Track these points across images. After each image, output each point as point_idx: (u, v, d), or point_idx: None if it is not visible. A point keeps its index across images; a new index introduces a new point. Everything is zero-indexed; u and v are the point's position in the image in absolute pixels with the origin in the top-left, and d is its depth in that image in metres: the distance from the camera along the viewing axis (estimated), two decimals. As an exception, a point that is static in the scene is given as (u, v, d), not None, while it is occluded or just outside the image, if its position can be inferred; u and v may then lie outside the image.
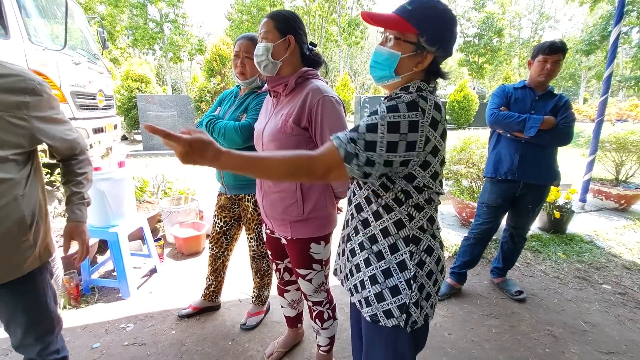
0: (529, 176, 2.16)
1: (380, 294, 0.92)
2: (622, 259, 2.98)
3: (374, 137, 0.80)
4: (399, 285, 0.90)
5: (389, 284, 0.91)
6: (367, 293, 0.95)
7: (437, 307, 2.25)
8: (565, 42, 2.08)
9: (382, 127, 0.79)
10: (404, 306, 0.89)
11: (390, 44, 0.88)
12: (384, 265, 0.92)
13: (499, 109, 2.19)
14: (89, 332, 2.00)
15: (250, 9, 26.87)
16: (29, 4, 3.88)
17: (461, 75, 33.54)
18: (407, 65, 0.88)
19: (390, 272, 0.92)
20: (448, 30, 0.87)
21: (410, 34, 0.85)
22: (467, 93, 14.39)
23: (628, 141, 4.07)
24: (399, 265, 0.91)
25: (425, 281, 0.92)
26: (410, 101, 0.82)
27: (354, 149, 0.80)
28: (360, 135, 0.80)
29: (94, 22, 11.01)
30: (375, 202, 0.93)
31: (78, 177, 1.26)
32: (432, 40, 0.84)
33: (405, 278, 0.90)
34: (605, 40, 18.50)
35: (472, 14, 31.48)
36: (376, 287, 0.93)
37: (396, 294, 0.90)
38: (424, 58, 0.87)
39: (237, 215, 1.98)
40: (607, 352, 1.90)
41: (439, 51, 0.86)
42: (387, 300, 0.91)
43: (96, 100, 4.79)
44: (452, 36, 0.88)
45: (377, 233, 0.94)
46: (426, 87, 0.89)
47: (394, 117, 0.80)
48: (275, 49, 1.28)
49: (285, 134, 1.27)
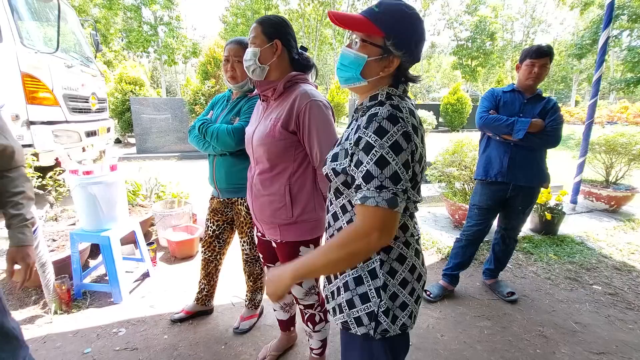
0: (518, 178, 2.18)
1: (351, 301, 0.92)
2: (612, 259, 3.02)
3: (392, 168, 0.78)
4: (369, 293, 0.89)
5: (359, 290, 0.91)
6: (340, 299, 0.95)
7: (429, 309, 2.28)
8: (552, 47, 2.12)
9: (389, 154, 0.78)
10: (373, 314, 0.89)
11: (357, 47, 0.87)
12: (356, 273, 0.92)
13: (488, 112, 2.22)
14: (81, 337, 1.98)
15: (244, 12, 26.86)
16: (22, 7, 3.86)
17: (455, 78, 33.78)
18: (374, 69, 0.87)
19: (361, 279, 0.91)
20: (415, 35, 0.85)
21: (377, 37, 0.84)
22: (460, 96, 14.52)
23: (617, 143, 4.12)
24: (369, 273, 0.90)
25: (398, 290, 0.91)
26: (388, 115, 0.80)
27: (388, 193, 0.77)
28: (380, 176, 0.78)
29: (88, 25, 10.97)
30: (350, 211, 0.94)
31: (15, 198, 1.12)
32: (398, 45, 0.83)
33: (375, 286, 0.89)
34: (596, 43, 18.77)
35: (465, 17, 31.80)
36: (348, 293, 0.93)
37: (366, 301, 0.90)
38: (391, 62, 0.86)
39: (229, 219, 1.98)
40: (597, 353, 1.92)
41: (406, 56, 0.85)
42: (357, 307, 0.91)
43: (89, 103, 4.77)
44: (419, 41, 0.87)
45: None
46: (395, 92, 0.89)
47: (390, 137, 0.78)
48: (263, 53, 1.30)
49: (274, 138, 1.28)
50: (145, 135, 8.58)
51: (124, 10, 21.98)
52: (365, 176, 0.80)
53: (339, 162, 0.89)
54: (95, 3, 20.38)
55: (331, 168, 0.92)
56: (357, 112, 0.95)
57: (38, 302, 2.27)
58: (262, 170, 1.36)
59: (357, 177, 0.82)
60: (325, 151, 1.26)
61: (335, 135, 1.30)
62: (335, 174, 0.91)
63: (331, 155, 0.94)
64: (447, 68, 38.52)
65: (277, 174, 1.33)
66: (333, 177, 0.92)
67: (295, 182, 1.32)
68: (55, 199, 3.19)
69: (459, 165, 3.66)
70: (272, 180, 1.34)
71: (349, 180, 0.89)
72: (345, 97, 17.26)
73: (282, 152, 1.29)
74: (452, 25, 33.05)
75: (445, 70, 41.39)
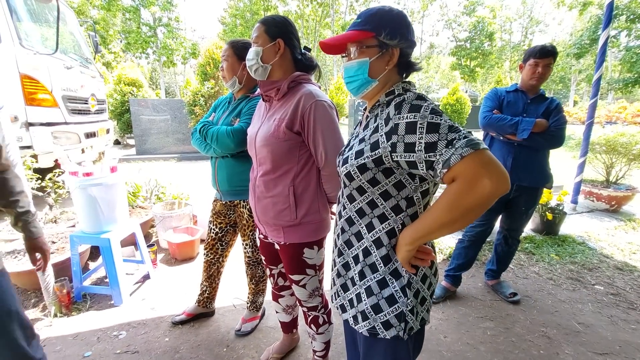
0: (522, 179, 2.17)
1: (377, 305, 0.91)
2: (613, 259, 3.02)
3: (445, 125, 0.78)
4: (395, 294, 0.89)
5: (385, 294, 0.90)
6: (363, 306, 0.94)
7: (432, 310, 2.27)
8: (556, 46, 2.11)
9: (434, 118, 0.78)
10: (402, 315, 0.89)
11: (355, 55, 0.92)
12: (379, 276, 0.91)
13: (491, 112, 2.21)
14: (81, 340, 1.97)
15: (243, 13, 26.90)
16: (20, 8, 3.85)
17: (454, 78, 33.84)
18: (379, 66, 0.91)
19: (385, 282, 0.90)
20: (401, 21, 0.90)
21: (369, 39, 0.89)
22: (459, 96, 14.51)
23: (617, 143, 4.12)
24: (392, 274, 0.90)
25: (420, 286, 0.92)
26: (416, 97, 0.85)
27: (461, 140, 0.75)
28: (441, 137, 0.77)
29: (87, 26, 10.94)
30: (369, 214, 0.93)
31: (18, 197, 1.22)
32: (391, 35, 0.88)
33: (400, 286, 0.89)
34: (594, 43, 18.82)
35: (463, 18, 31.88)
36: (372, 298, 0.92)
37: (393, 303, 0.89)
38: (392, 55, 0.90)
39: (232, 221, 1.97)
40: (600, 353, 1.91)
41: (402, 42, 0.89)
42: (385, 311, 0.90)
43: (88, 104, 4.75)
44: (407, 25, 0.91)
45: (369, 245, 0.93)
46: (409, 87, 0.92)
47: (426, 108, 0.80)
48: (265, 52, 1.29)
49: (278, 139, 1.27)
50: (144, 137, 8.56)
51: (122, 12, 21.96)
52: (427, 148, 0.78)
53: (367, 154, 0.87)
54: (94, 5, 20.36)
55: (356, 166, 0.89)
56: (373, 110, 0.95)
57: (37, 305, 2.25)
58: (265, 171, 1.34)
59: (419, 158, 0.79)
60: (331, 151, 1.25)
61: (341, 135, 1.29)
62: (361, 171, 0.89)
63: (354, 153, 0.91)
64: (446, 69, 38.57)
65: (281, 175, 1.31)
66: (358, 175, 0.90)
67: (300, 184, 1.31)
68: (54, 200, 3.18)
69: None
70: (275, 182, 1.32)
71: (378, 177, 0.88)
72: (345, 97, 17.28)
73: (287, 153, 1.28)
74: (451, 26, 33.15)
75: (444, 71, 41.44)
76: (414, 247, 0.86)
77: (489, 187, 0.72)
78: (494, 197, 0.73)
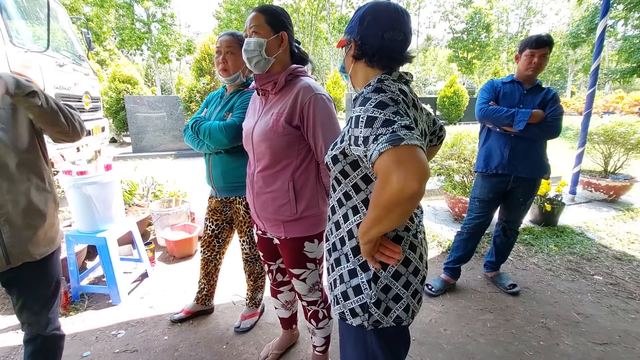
0: (519, 170, 2.16)
1: (346, 293, 0.95)
2: (612, 249, 3.02)
3: (380, 119, 0.78)
4: (361, 285, 0.92)
5: (352, 283, 0.94)
6: (337, 291, 0.98)
7: (431, 303, 2.27)
8: (552, 36, 2.08)
9: (374, 112, 0.80)
10: (365, 305, 0.91)
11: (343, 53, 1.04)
12: (351, 265, 0.94)
13: (488, 104, 2.20)
14: (79, 340, 1.95)
15: (239, 8, 26.64)
16: (10, 6, 3.78)
17: (451, 71, 33.68)
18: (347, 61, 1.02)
19: (355, 272, 0.93)
20: (361, 17, 0.95)
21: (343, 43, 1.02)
22: (457, 88, 14.47)
23: (615, 133, 4.11)
24: (361, 266, 0.92)
25: (390, 282, 0.91)
26: (372, 90, 0.88)
27: (384, 136, 0.74)
28: (372, 132, 0.77)
29: (80, 24, 10.81)
30: (345, 205, 0.96)
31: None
32: (349, 31, 0.98)
33: (367, 278, 0.91)
34: (591, 33, 18.71)
35: (460, 10, 31.68)
36: (342, 285, 0.96)
37: (358, 293, 0.92)
38: (350, 47, 0.98)
39: (228, 218, 1.95)
40: (600, 343, 1.92)
41: (359, 36, 0.94)
42: (351, 299, 0.93)
43: (82, 102, 4.70)
44: (364, 17, 0.94)
45: (345, 235, 0.96)
46: (387, 77, 0.93)
47: (373, 101, 0.82)
48: (269, 45, 1.25)
49: (277, 134, 1.24)
50: (140, 134, 8.50)
51: (115, 8, 21.72)
52: (364, 142, 0.78)
53: (337, 146, 0.92)
54: (87, 1, 20.12)
55: (330, 157, 0.94)
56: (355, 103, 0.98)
57: (35, 306, 2.23)
58: (264, 166, 1.32)
59: (361, 151, 0.79)
60: (330, 145, 1.23)
61: (339, 128, 1.28)
62: (333, 162, 0.93)
63: (332, 145, 0.97)
64: (443, 61, 38.40)
65: (280, 170, 1.29)
66: (332, 166, 0.95)
67: (299, 178, 1.29)
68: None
69: (458, 158, 3.64)
70: (275, 177, 1.30)
71: (347, 169, 0.91)
72: (342, 91, 17.21)
73: (286, 148, 1.26)
74: (447, 18, 32.94)
75: (441, 63, 41.24)
76: (365, 242, 0.85)
77: (395, 185, 0.68)
78: (403, 196, 0.68)
